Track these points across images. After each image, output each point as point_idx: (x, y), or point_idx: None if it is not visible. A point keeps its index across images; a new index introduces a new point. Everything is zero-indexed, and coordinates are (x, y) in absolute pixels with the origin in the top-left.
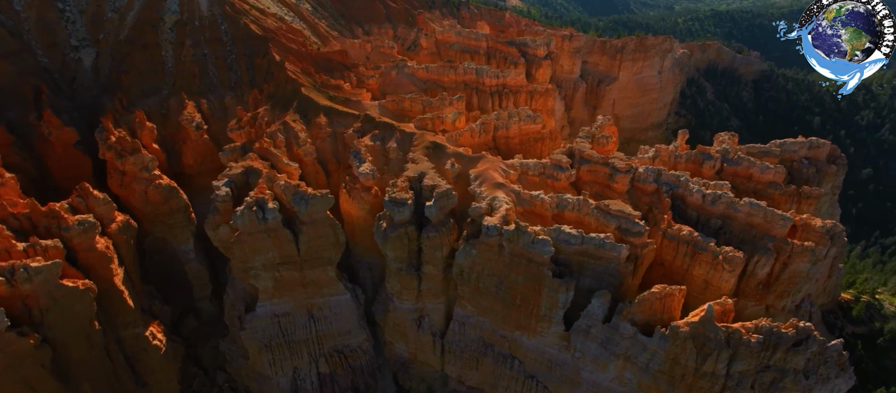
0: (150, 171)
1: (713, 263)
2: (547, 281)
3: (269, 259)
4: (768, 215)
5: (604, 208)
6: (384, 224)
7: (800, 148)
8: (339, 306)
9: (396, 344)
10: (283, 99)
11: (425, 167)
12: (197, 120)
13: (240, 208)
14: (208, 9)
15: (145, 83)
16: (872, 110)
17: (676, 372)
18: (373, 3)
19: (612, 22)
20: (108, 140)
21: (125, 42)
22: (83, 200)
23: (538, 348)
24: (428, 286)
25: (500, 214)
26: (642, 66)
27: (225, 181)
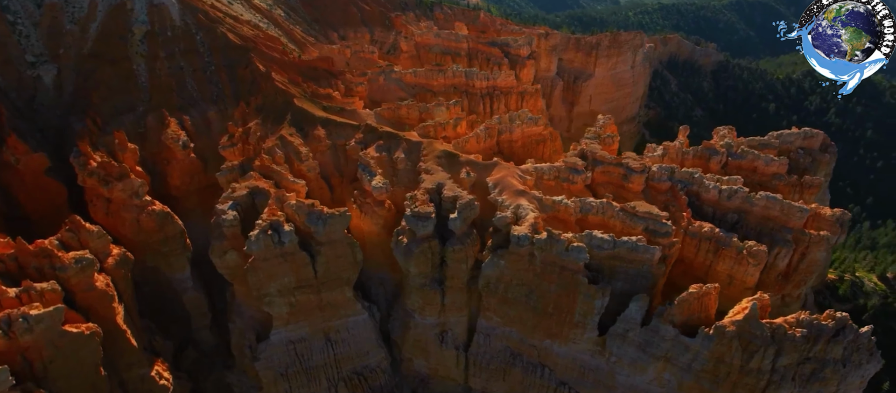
0: (141, 196)
1: (737, 258)
2: (582, 288)
3: (285, 284)
4: (785, 207)
5: (630, 210)
6: (405, 239)
7: (795, 139)
8: (357, 327)
9: (415, 360)
10: (274, 112)
11: (441, 177)
12: (183, 138)
13: (254, 233)
14: (181, 18)
15: (117, 100)
16: (819, 96)
17: (721, 371)
18: (347, 6)
19: (567, 17)
20: (89, 165)
21: (90, 56)
22: (74, 234)
23: (570, 355)
24: (451, 300)
25: (529, 222)
26: (617, 61)
27: (230, 204)
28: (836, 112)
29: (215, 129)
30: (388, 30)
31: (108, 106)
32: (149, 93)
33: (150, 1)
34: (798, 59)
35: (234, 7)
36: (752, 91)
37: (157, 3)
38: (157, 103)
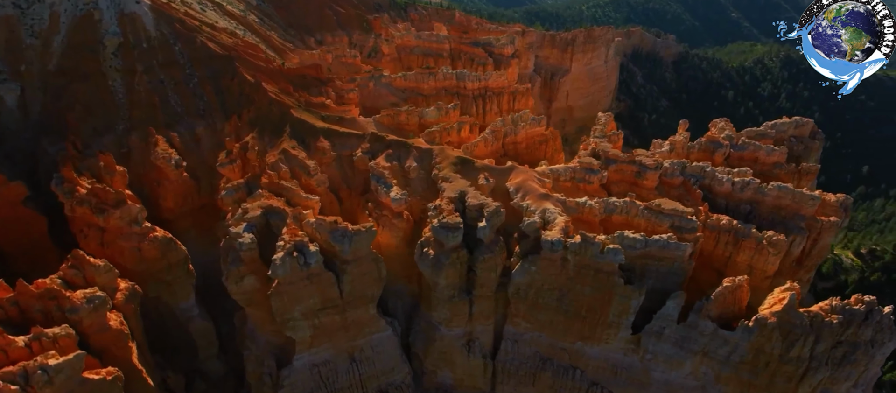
0: (140, 223)
1: (758, 248)
2: (618, 289)
3: (310, 306)
4: (796, 196)
5: (655, 208)
6: (432, 252)
7: (788, 128)
8: (382, 344)
9: (440, 373)
10: (269, 124)
11: (461, 185)
12: (175, 157)
13: (278, 256)
14: (156, 28)
15: (95, 120)
16: (769, 83)
17: (760, 361)
18: (321, 9)
19: (524, 14)
20: (77, 193)
21: (57, 73)
22: (78, 270)
23: (602, 355)
24: (480, 309)
25: (559, 226)
26: (591, 56)
27: (245, 226)
28: (785, 97)
29: (205, 145)
30: (367, 33)
31: (84, 126)
32: (128, 110)
33: (120, 10)
34: (746, 47)
35: (208, 14)
36: (711, 80)
37: (128, 12)
38: (138, 121)
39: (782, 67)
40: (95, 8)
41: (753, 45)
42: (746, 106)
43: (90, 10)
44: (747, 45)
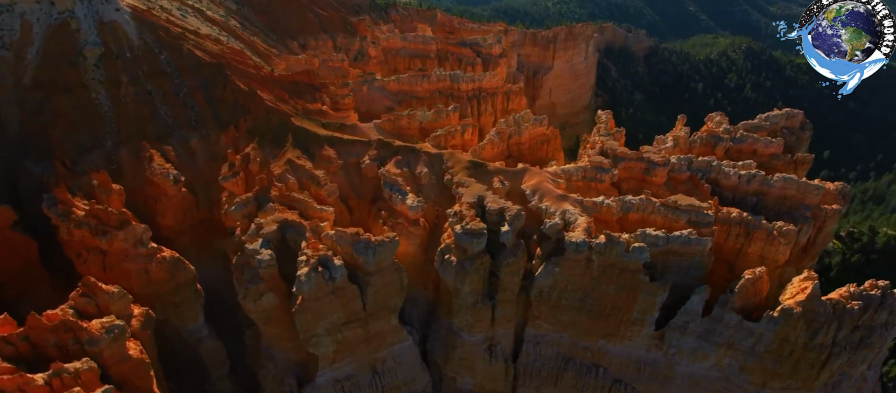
0: (146, 244)
1: (768, 239)
2: (643, 286)
3: (334, 321)
4: (801, 186)
5: (672, 205)
6: (454, 258)
7: (780, 119)
8: (403, 354)
9: (460, 379)
10: (269, 134)
11: (477, 189)
12: (173, 173)
13: (302, 271)
14: (139, 37)
15: (80, 136)
16: (735, 74)
17: (785, 349)
18: (303, 13)
19: (493, 11)
20: (73, 215)
21: (34, 87)
22: (91, 298)
23: (625, 353)
24: (502, 313)
25: (582, 227)
26: (573, 53)
27: (262, 242)
28: (750, 87)
29: (200, 158)
30: (351, 35)
31: (70, 143)
32: (116, 124)
33: (99, 19)
34: (708, 40)
35: (189, 20)
36: (680, 73)
37: (108, 20)
38: (127, 135)
39: (745, 59)
40: (72, 17)
41: (715, 38)
42: (715, 97)
43: (66, 20)
44: (709, 37)
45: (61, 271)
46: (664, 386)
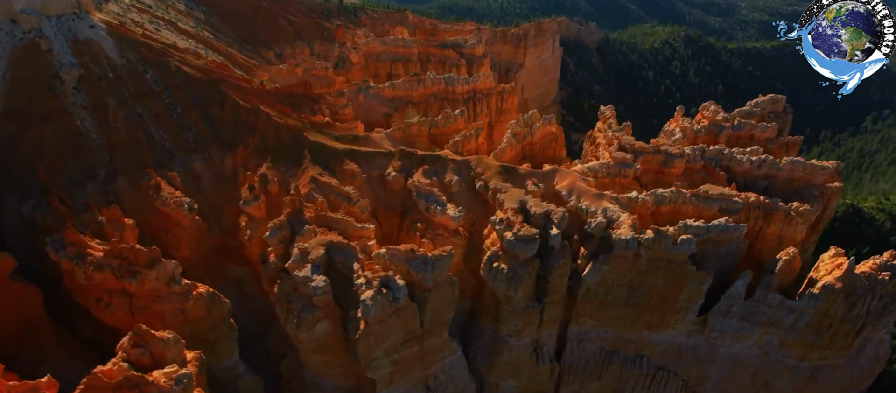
0: (179, 281)
1: (786, 220)
2: (691, 276)
3: (393, 342)
4: (808, 168)
5: (703, 195)
6: (504, 266)
7: (766, 105)
8: (454, 367)
9: (504, 384)
10: (282, 152)
11: (518, 194)
12: (186, 200)
13: (367, 294)
14: (119, 55)
15: (70, 168)
16: (678, 61)
17: (824, 323)
18: (275, 21)
19: (439, 8)
20: (92, 256)
21: (7, 116)
22: (144, 348)
23: (667, 340)
24: (549, 315)
25: (627, 224)
26: (542, 49)
27: (312, 268)
28: (693, 73)
29: (205, 182)
30: (329, 42)
31: (60, 177)
32: (108, 152)
33: (72, 37)
34: (647, 29)
35: (164, 34)
36: (631, 62)
37: (83, 39)
38: (122, 164)
39: (685, 46)
40: (41, 36)
41: (653, 27)
42: (664, 84)
43: (34, 40)
44: (647, 27)
45: (63, 320)
46: (705, 368)
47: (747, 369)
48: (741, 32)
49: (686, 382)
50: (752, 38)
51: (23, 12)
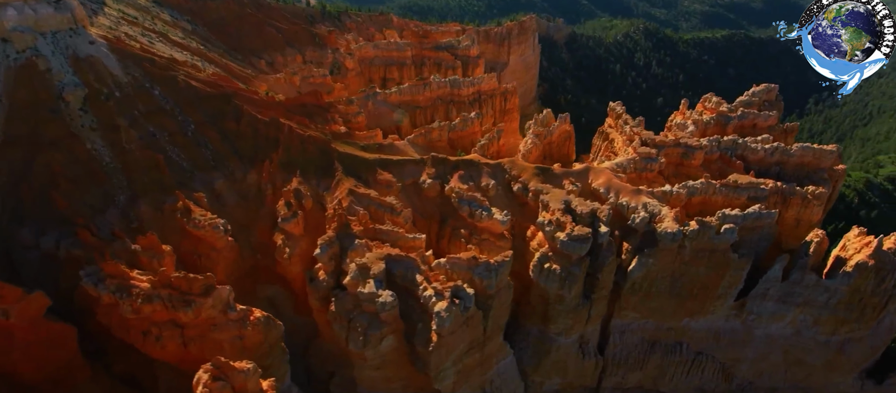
0: (234, 307)
1: (803, 203)
2: (733, 263)
3: (460, 351)
4: (817, 153)
5: (732, 184)
6: (556, 266)
7: (761, 94)
8: (507, 370)
9: (548, 382)
10: (310, 165)
11: (560, 194)
12: (220, 222)
13: (441, 305)
14: (124, 72)
15: (86, 195)
16: (641, 53)
17: (855, 299)
18: (261, 28)
19: (399, 8)
20: (138, 288)
21: (8, 144)
22: (225, 381)
23: (705, 326)
24: (596, 311)
25: (670, 217)
26: (524, 47)
27: (376, 283)
28: (656, 64)
29: (228, 201)
30: (321, 48)
31: (77, 204)
32: (125, 175)
33: (72, 54)
34: (606, 23)
35: (158, 47)
36: (598, 56)
37: (84, 56)
38: (142, 187)
39: (646, 39)
40: (37, 55)
41: (610, 21)
42: (631, 76)
43: (31, 59)
44: (605, 20)
45: (94, 356)
46: (741, 350)
47: (780, 348)
48: (685, 23)
49: (723, 364)
50: (696, 28)
51: (15, 30)
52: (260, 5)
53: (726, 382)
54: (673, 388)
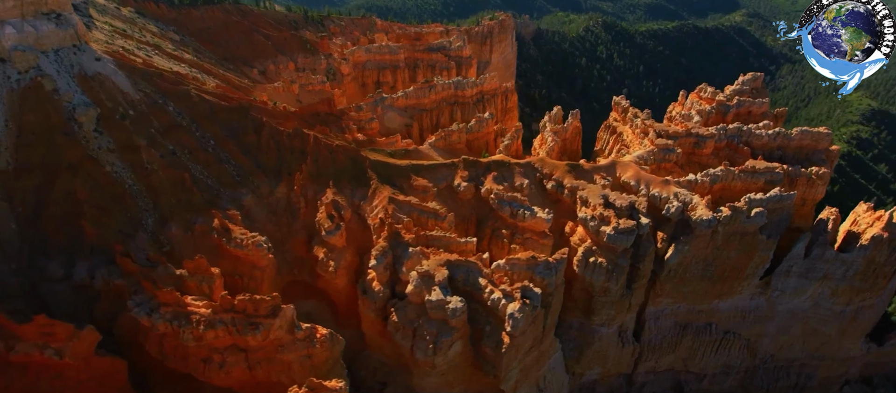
0: (300, 326)
1: (808, 184)
2: (761, 244)
3: (525, 350)
4: (814, 135)
5: (750, 170)
6: (603, 260)
7: (749, 82)
8: (556, 365)
9: (589, 372)
10: (343, 174)
11: (596, 190)
12: (262, 239)
13: (514, 307)
14: (135, 89)
15: (113, 220)
16: (603, 46)
17: (869, 270)
18: (250, 37)
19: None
20: (198, 315)
21: (22, 171)
22: None
23: (732, 306)
24: (636, 300)
25: (702, 205)
26: (505, 45)
27: (442, 290)
28: (617, 56)
29: (258, 216)
30: (313, 55)
31: (106, 231)
32: (151, 197)
33: (79, 73)
34: (562, 18)
35: (156, 60)
36: (563, 51)
37: (92, 74)
38: (170, 208)
39: (605, 32)
40: (41, 75)
41: (568, 15)
42: (596, 68)
43: (36, 79)
44: (563, 15)
45: (137, 388)
46: (765, 325)
47: (800, 321)
48: (631, 15)
49: (747, 341)
50: (641, 20)
51: (16, 50)
52: (245, 12)
53: (751, 357)
54: (702, 367)
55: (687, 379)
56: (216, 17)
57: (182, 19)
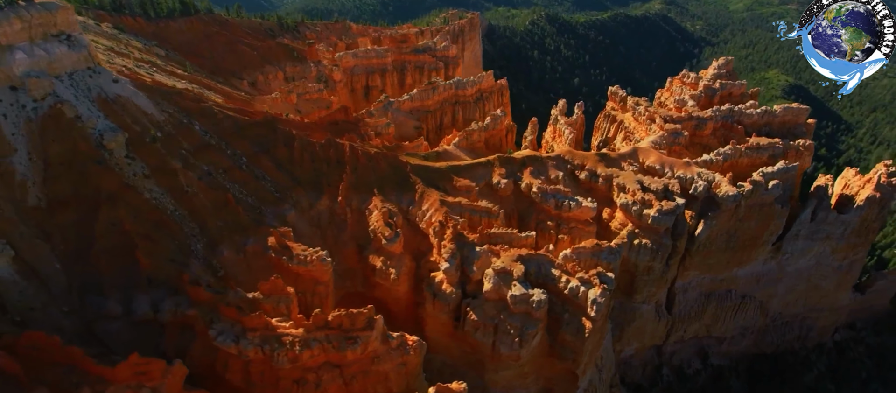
0: (391, 336)
1: (797, 155)
2: (778, 212)
3: (597, 339)
4: (795, 111)
5: (755, 146)
6: (647, 241)
7: (722, 66)
8: (607, 345)
9: (627, 348)
10: (386, 181)
11: (630, 176)
12: (324, 254)
13: (596, 292)
14: (158, 110)
15: (163, 249)
16: (550, 38)
17: (863, 227)
18: (234, 48)
19: (298, 9)
20: (291, 336)
21: (56, 206)
22: None
23: (748, 272)
24: (670, 275)
25: (725, 181)
26: (474, 43)
27: (522, 283)
28: (564, 47)
29: (303, 231)
30: (301, 63)
31: (158, 261)
32: (197, 222)
33: (99, 96)
34: (505, 12)
35: (156, 77)
36: (516, 45)
37: (112, 96)
38: (217, 231)
39: (550, 24)
40: (60, 101)
41: (509, 11)
42: (547, 60)
43: (56, 107)
44: (504, 10)
45: None
46: (775, 286)
47: (804, 278)
48: (559, 6)
49: (760, 302)
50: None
51: (29, 76)
52: (224, 23)
53: (763, 317)
54: (723, 331)
55: (709, 343)
56: (196, 28)
57: (162, 33)
